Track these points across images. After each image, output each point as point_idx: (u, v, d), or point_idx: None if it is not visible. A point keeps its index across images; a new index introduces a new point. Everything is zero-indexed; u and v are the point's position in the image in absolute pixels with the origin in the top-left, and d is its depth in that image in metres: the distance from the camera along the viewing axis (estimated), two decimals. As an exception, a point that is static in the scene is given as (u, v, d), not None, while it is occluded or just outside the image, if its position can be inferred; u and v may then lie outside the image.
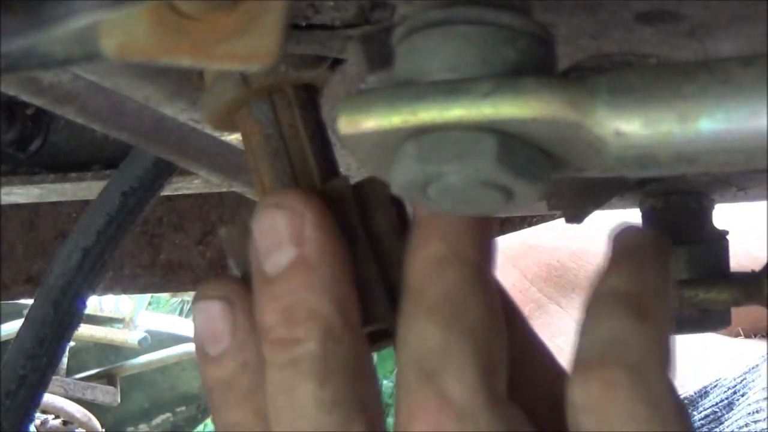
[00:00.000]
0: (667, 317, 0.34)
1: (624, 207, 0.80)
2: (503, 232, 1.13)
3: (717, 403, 1.03)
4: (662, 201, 0.74)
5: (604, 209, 0.72)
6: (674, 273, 0.72)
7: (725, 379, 1.04)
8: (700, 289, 0.72)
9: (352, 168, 0.54)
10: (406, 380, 0.34)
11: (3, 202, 0.88)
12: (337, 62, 0.42)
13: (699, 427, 1.01)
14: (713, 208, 0.76)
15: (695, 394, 1.03)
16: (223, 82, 0.42)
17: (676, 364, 0.33)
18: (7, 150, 0.81)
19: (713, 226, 0.76)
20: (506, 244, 1.16)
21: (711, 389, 1.04)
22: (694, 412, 1.02)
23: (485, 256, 0.36)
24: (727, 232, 0.75)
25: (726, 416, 1.02)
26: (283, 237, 0.36)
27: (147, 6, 0.31)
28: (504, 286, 0.38)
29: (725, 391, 1.04)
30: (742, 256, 0.80)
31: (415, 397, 0.33)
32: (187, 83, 0.50)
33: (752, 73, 0.28)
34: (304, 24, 0.39)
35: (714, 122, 0.28)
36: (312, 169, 0.41)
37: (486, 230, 0.36)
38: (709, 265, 0.73)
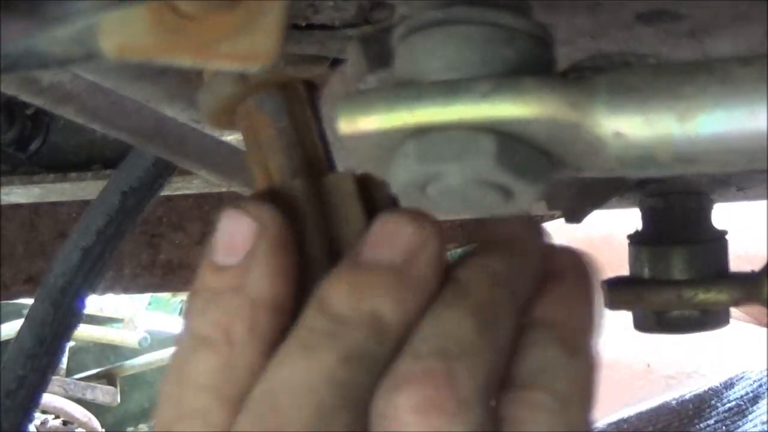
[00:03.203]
0: (594, 353, 0.36)
1: (624, 207, 0.80)
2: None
3: (742, 396, 1.03)
4: (662, 201, 0.74)
5: (603, 209, 0.72)
6: (674, 273, 0.72)
7: (751, 372, 1.04)
8: (699, 288, 0.72)
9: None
10: (418, 349, 0.34)
11: (3, 202, 0.88)
12: (337, 60, 0.42)
13: (723, 420, 1.01)
14: (713, 207, 0.76)
15: (720, 385, 1.03)
16: (221, 78, 0.42)
17: (596, 399, 0.36)
18: (7, 150, 0.81)
19: (713, 225, 0.76)
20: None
21: (737, 381, 1.04)
22: (718, 404, 1.02)
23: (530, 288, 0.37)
24: (726, 232, 0.75)
25: (750, 409, 1.02)
26: (238, 245, 0.37)
27: (146, 6, 0.31)
28: None
29: (751, 384, 1.03)
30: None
31: (422, 366, 0.33)
32: (186, 83, 0.50)
33: (751, 73, 0.28)
34: (303, 24, 0.39)
35: (713, 123, 0.28)
36: (322, 161, 0.41)
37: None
38: (708, 265, 0.73)
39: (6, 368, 0.73)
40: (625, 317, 0.76)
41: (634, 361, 1.10)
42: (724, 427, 1.00)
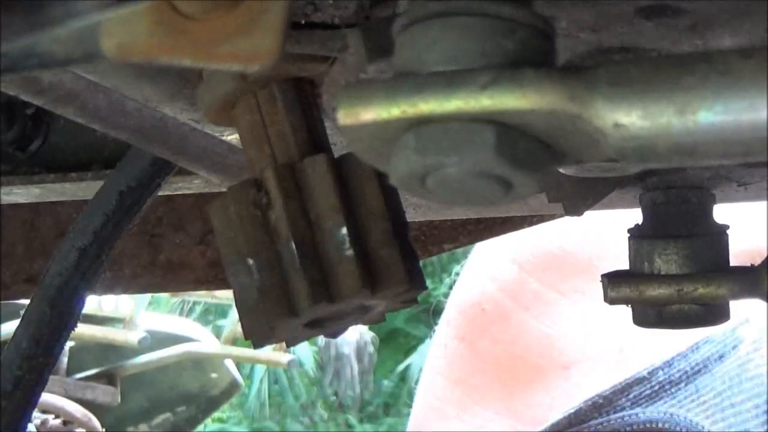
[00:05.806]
0: None
1: (624, 201, 0.80)
2: (503, 231, 1.13)
3: (708, 357, 1.05)
4: (662, 195, 0.74)
5: (604, 203, 0.72)
6: (674, 267, 0.73)
7: (716, 334, 1.06)
8: (699, 283, 0.72)
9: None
10: None
11: (3, 202, 0.88)
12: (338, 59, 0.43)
13: (689, 377, 1.04)
14: (713, 202, 0.76)
15: (687, 349, 1.05)
16: (221, 74, 0.42)
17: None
18: (7, 150, 0.81)
19: (713, 220, 0.76)
20: (507, 237, 1.16)
21: (702, 344, 1.06)
22: (687, 366, 1.04)
23: None
24: (727, 227, 0.75)
25: (715, 367, 1.04)
26: None
27: (147, 6, 0.31)
28: None
29: (716, 345, 1.06)
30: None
31: None
32: (186, 83, 0.50)
33: (751, 65, 0.28)
34: (303, 22, 0.39)
35: (713, 114, 0.28)
36: (329, 151, 0.42)
37: None
38: (708, 260, 0.73)
39: (2, 369, 0.73)
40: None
41: (607, 350, 1.12)
42: (693, 387, 1.02)
